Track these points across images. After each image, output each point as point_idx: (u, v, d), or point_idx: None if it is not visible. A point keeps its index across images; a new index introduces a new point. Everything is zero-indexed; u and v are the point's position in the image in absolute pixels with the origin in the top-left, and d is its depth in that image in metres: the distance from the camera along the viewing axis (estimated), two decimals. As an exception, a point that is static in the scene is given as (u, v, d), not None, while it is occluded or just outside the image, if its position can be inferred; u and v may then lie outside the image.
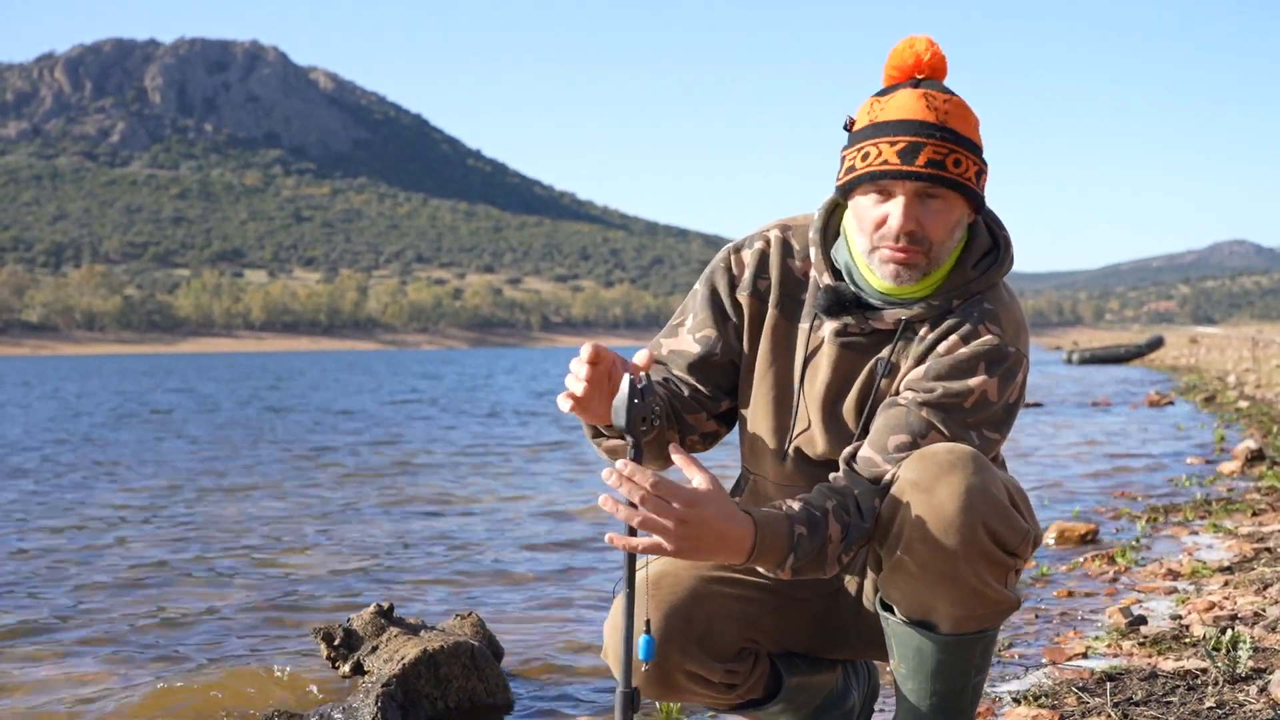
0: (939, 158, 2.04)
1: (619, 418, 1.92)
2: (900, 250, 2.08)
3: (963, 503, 2.00)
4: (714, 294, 2.30)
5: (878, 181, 2.07)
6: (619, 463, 1.87)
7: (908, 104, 2.07)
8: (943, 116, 2.06)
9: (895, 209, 2.07)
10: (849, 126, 2.14)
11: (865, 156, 2.08)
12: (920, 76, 2.11)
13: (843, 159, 2.15)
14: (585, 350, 2.00)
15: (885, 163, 2.05)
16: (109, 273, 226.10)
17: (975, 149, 2.10)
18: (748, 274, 2.28)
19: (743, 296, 2.28)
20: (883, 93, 2.12)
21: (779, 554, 1.97)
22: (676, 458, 1.94)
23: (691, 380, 2.29)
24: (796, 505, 2.01)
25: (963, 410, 2.10)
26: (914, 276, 2.12)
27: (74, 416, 20.61)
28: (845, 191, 2.15)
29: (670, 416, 2.26)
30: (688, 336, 2.31)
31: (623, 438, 2.14)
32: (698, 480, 1.89)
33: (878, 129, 2.08)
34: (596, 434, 2.21)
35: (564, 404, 2.03)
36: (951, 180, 2.05)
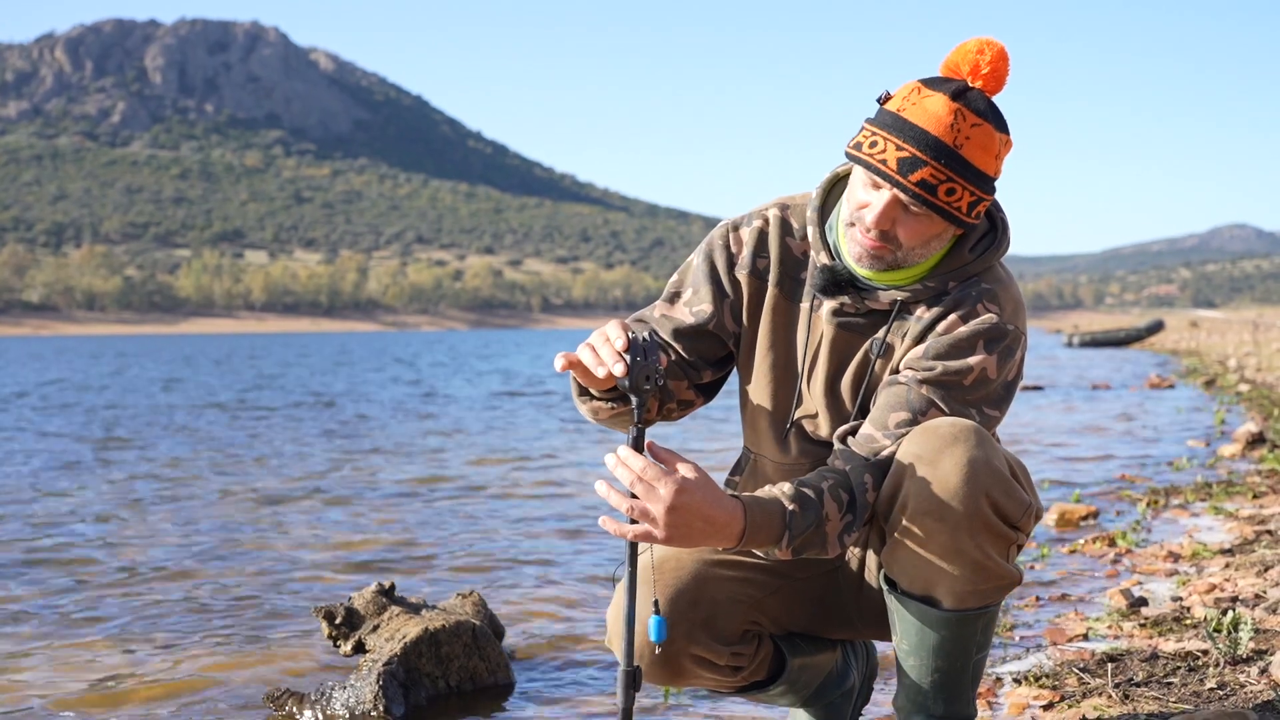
0: (934, 182, 2.04)
1: (623, 376, 1.93)
2: (869, 239, 2.11)
3: (966, 473, 2.02)
4: (712, 270, 2.30)
5: (871, 173, 2.08)
6: (619, 449, 1.92)
7: (936, 114, 2.04)
8: (960, 142, 2.03)
9: (876, 203, 2.08)
10: (883, 100, 2.12)
11: (874, 145, 2.08)
12: (971, 84, 2.07)
13: (863, 128, 2.13)
14: (619, 338, 1.99)
15: (884, 162, 2.06)
16: (109, 253, 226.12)
17: (981, 180, 2.07)
18: (746, 252, 2.28)
19: (741, 275, 2.29)
20: (930, 83, 2.08)
21: (772, 535, 1.99)
22: (658, 453, 1.96)
23: (677, 347, 2.29)
24: (789, 486, 2.03)
25: (963, 388, 2.12)
26: (877, 266, 2.14)
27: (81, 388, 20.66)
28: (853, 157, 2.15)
29: None
30: (684, 308, 2.31)
31: (611, 399, 2.15)
32: (683, 470, 1.93)
33: (899, 124, 2.06)
34: (582, 392, 2.20)
35: (560, 364, 2.02)
36: (935, 205, 2.05)
